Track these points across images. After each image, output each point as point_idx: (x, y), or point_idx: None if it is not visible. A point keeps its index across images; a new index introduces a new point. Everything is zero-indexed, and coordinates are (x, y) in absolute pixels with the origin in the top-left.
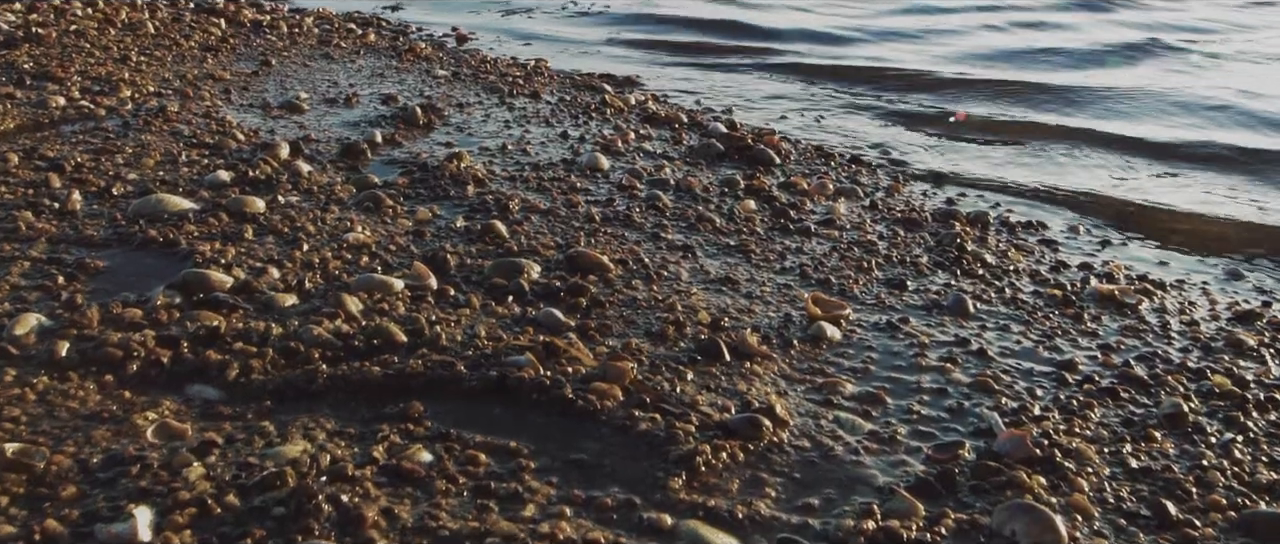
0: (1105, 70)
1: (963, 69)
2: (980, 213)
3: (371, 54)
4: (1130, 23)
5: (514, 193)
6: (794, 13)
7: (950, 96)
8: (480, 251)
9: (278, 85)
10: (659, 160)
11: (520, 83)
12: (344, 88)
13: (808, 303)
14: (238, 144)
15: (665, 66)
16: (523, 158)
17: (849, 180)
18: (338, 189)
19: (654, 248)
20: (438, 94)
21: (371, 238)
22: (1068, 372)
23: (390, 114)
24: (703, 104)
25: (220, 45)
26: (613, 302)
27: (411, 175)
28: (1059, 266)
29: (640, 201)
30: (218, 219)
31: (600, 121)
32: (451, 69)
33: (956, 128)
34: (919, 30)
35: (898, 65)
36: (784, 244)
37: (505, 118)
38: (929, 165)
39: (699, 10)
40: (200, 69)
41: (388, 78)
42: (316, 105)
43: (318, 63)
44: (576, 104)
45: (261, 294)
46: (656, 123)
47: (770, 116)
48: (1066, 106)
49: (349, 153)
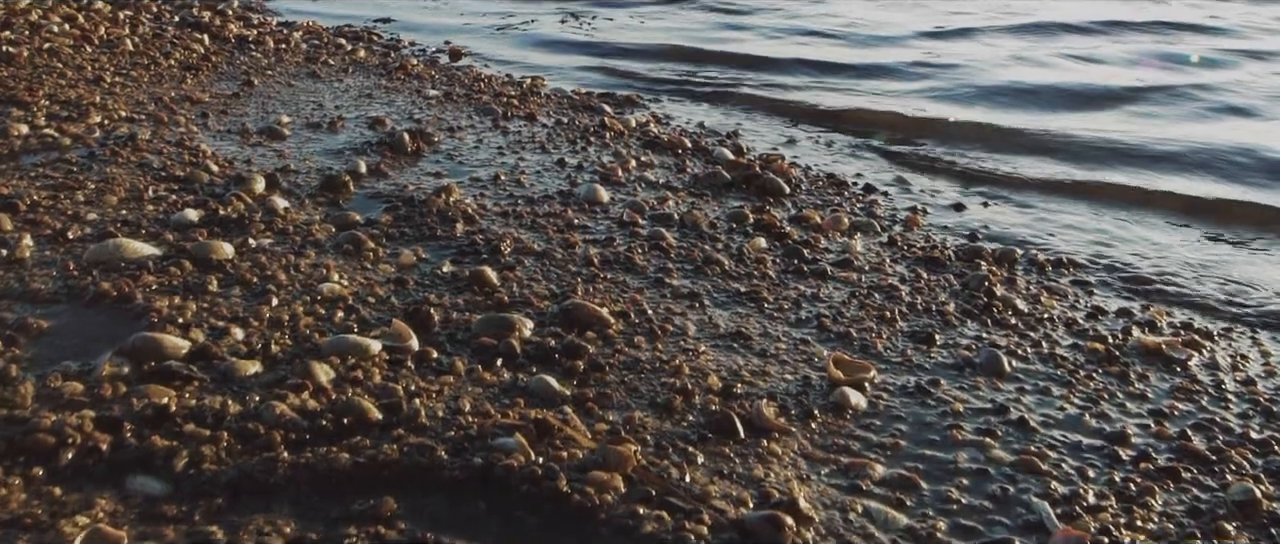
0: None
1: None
2: (1007, 250)
3: (360, 72)
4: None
5: (506, 231)
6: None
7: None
8: (468, 303)
9: (259, 108)
10: (662, 191)
11: (515, 104)
12: (329, 110)
13: (828, 365)
14: (210, 177)
15: (667, 84)
16: (516, 190)
17: (864, 212)
18: (315, 229)
19: (658, 296)
20: (428, 117)
21: (349, 288)
22: (1120, 446)
23: (377, 140)
24: (707, 127)
25: (201, 64)
26: (613, 363)
27: (396, 212)
28: (1096, 313)
29: (642, 240)
30: (180, 267)
31: (599, 147)
32: (443, 89)
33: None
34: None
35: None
36: (798, 289)
37: (499, 143)
38: (945, 192)
39: (701, 25)
40: (178, 90)
41: (376, 99)
42: (298, 130)
43: (303, 82)
44: (574, 127)
45: (221, 361)
46: (658, 148)
47: (778, 141)
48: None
49: (330, 186)
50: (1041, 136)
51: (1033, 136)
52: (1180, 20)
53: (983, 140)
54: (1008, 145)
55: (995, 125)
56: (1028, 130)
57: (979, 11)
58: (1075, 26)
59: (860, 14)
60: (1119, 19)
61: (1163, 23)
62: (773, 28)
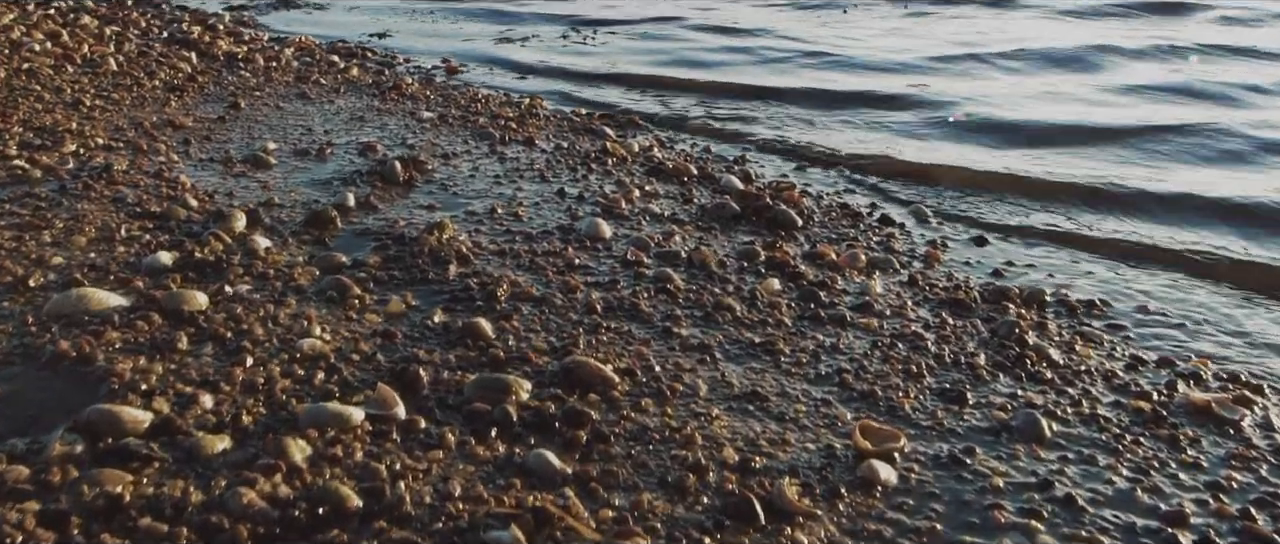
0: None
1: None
2: (1035, 291)
3: (352, 92)
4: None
5: (503, 273)
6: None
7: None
8: (460, 360)
9: (244, 133)
10: (667, 225)
11: (513, 127)
12: (318, 135)
13: (854, 433)
14: (188, 213)
15: (669, 106)
16: (514, 224)
17: (881, 247)
18: (298, 273)
19: (666, 348)
20: (422, 142)
21: (331, 344)
22: (1178, 529)
23: (367, 169)
24: (713, 151)
25: (187, 85)
26: (619, 433)
27: (386, 251)
28: (1135, 364)
29: (648, 282)
30: (149, 321)
31: (601, 175)
32: (438, 110)
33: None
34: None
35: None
36: (816, 338)
37: (495, 171)
38: (961, 217)
39: (704, 46)
40: (160, 114)
41: (368, 121)
42: (285, 158)
43: (292, 104)
44: (574, 152)
45: (186, 437)
46: (663, 176)
47: (786, 167)
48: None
49: (315, 222)
50: (1061, 180)
51: (1051, 180)
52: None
53: (999, 182)
54: (1026, 185)
55: (1012, 172)
56: (1041, 174)
57: (990, 38)
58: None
59: (865, 37)
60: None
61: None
62: (777, 51)
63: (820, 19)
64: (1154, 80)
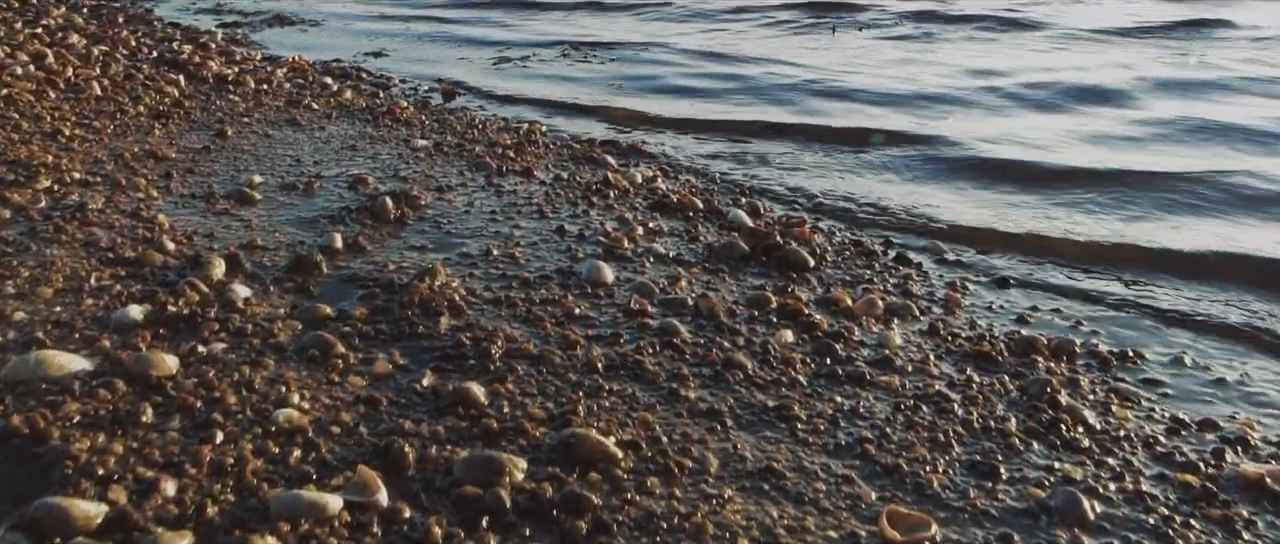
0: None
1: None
2: (1064, 341)
3: (345, 118)
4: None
5: (497, 326)
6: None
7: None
8: (450, 432)
9: (230, 165)
10: (672, 266)
11: (511, 156)
12: (307, 166)
13: (881, 523)
14: (164, 258)
15: (671, 130)
16: (510, 268)
17: (899, 291)
18: (278, 328)
19: (672, 415)
20: (415, 173)
21: (309, 415)
22: None
23: (356, 205)
24: (720, 179)
25: (173, 111)
26: (623, 521)
27: (373, 301)
28: (1177, 427)
29: (652, 335)
30: (112, 390)
31: (602, 209)
32: (433, 138)
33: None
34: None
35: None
36: (834, 400)
37: (492, 206)
38: (986, 260)
39: (700, 72)
40: (142, 145)
41: (360, 151)
42: (271, 193)
43: (281, 131)
44: (575, 184)
45: (142, 534)
46: (667, 210)
47: (798, 199)
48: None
49: (299, 268)
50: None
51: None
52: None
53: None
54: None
55: (1033, 217)
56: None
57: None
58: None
59: (876, 66)
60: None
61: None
62: (782, 81)
63: (825, 44)
64: (1183, 116)
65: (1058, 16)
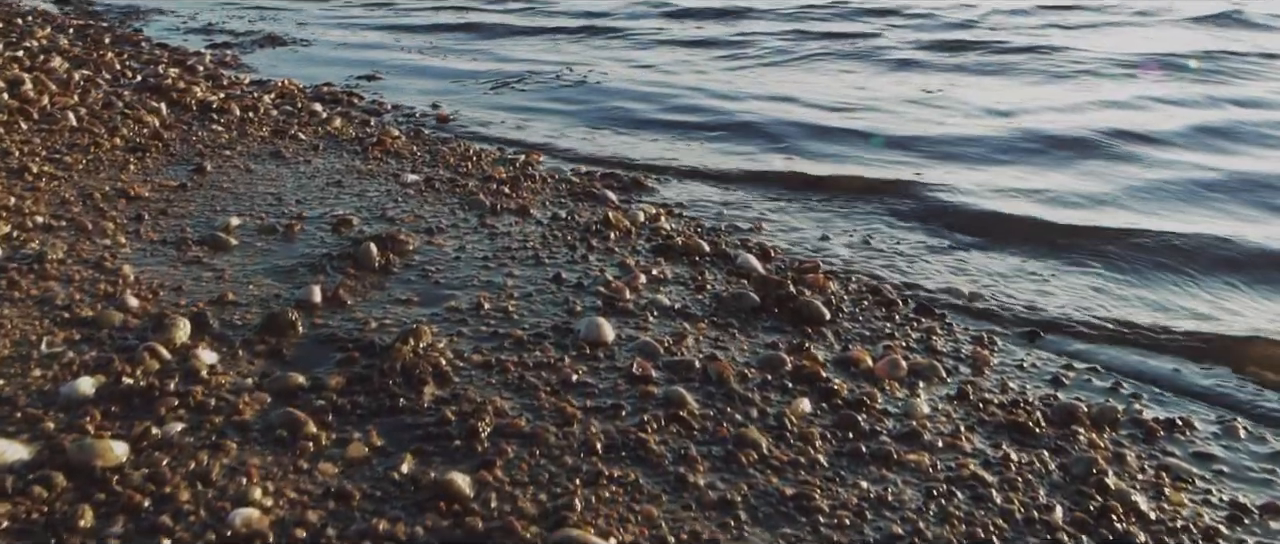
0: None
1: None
2: (1106, 410)
3: (332, 149)
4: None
5: (486, 397)
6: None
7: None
8: (430, 533)
9: (206, 204)
10: (678, 322)
11: (505, 192)
12: (289, 206)
13: None
14: (125, 318)
15: (673, 161)
16: (502, 325)
17: (922, 347)
18: (244, 403)
19: (679, 507)
20: (403, 213)
21: (271, 516)
22: None
23: (339, 251)
24: (726, 215)
25: (150, 143)
26: None
27: (351, 367)
28: (1237, 515)
29: (656, 407)
30: (48, 486)
31: (602, 254)
32: (424, 172)
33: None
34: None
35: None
36: (859, 486)
37: (484, 251)
38: (1011, 306)
39: (709, 82)
40: (115, 182)
41: (346, 187)
42: (248, 238)
43: (264, 165)
44: (573, 224)
45: None
46: (671, 255)
47: (807, 236)
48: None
49: (273, 327)
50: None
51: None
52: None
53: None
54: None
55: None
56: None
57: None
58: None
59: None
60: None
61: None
62: (807, 99)
63: (840, 78)
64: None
65: (1078, 41)
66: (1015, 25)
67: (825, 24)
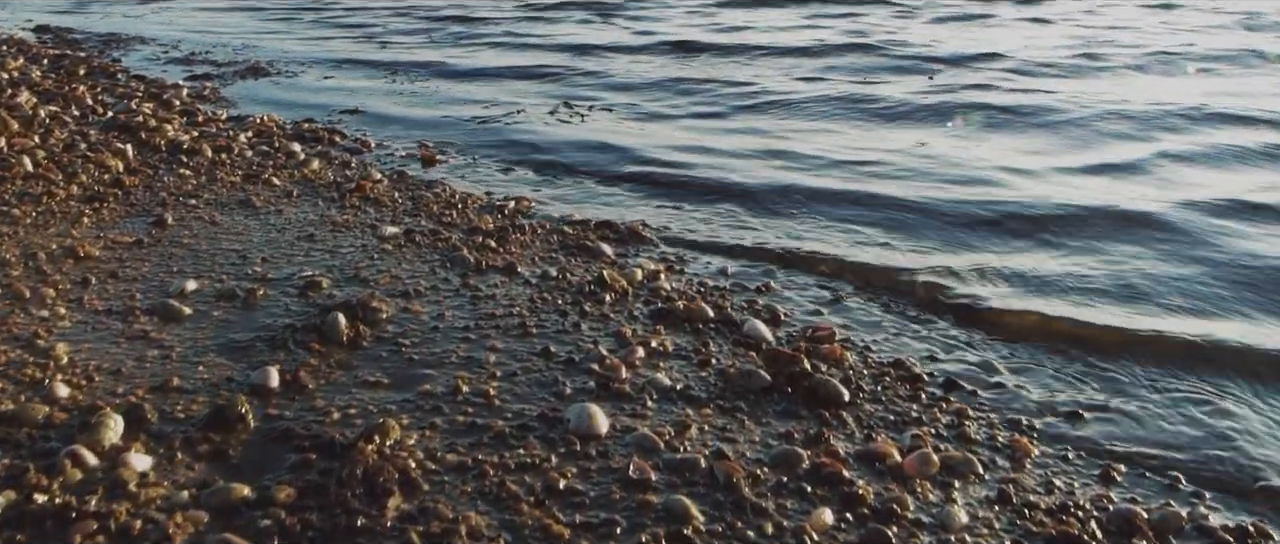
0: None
1: None
2: (1168, 516)
3: (307, 196)
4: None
5: (459, 513)
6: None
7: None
8: None
9: (162, 264)
10: (680, 407)
11: (491, 246)
12: (253, 265)
13: None
14: (51, 411)
15: (672, 206)
16: (481, 414)
17: (953, 435)
18: (175, 525)
19: None
20: (379, 272)
21: None
22: None
23: (304, 322)
24: (731, 271)
25: (110, 192)
26: None
27: (305, 473)
28: None
29: (655, 521)
30: None
31: (596, 321)
32: (405, 223)
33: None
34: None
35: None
36: None
37: (465, 320)
38: (1047, 380)
39: (709, 130)
40: (64, 239)
41: (318, 242)
42: (204, 305)
43: (232, 216)
44: (565, 285)
45: None
46: (673, 323)
47: (820, 298)
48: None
49: (219, 421)
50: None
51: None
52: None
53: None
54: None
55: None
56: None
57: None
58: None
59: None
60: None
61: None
62: (819, 158)
63: (857, 127)
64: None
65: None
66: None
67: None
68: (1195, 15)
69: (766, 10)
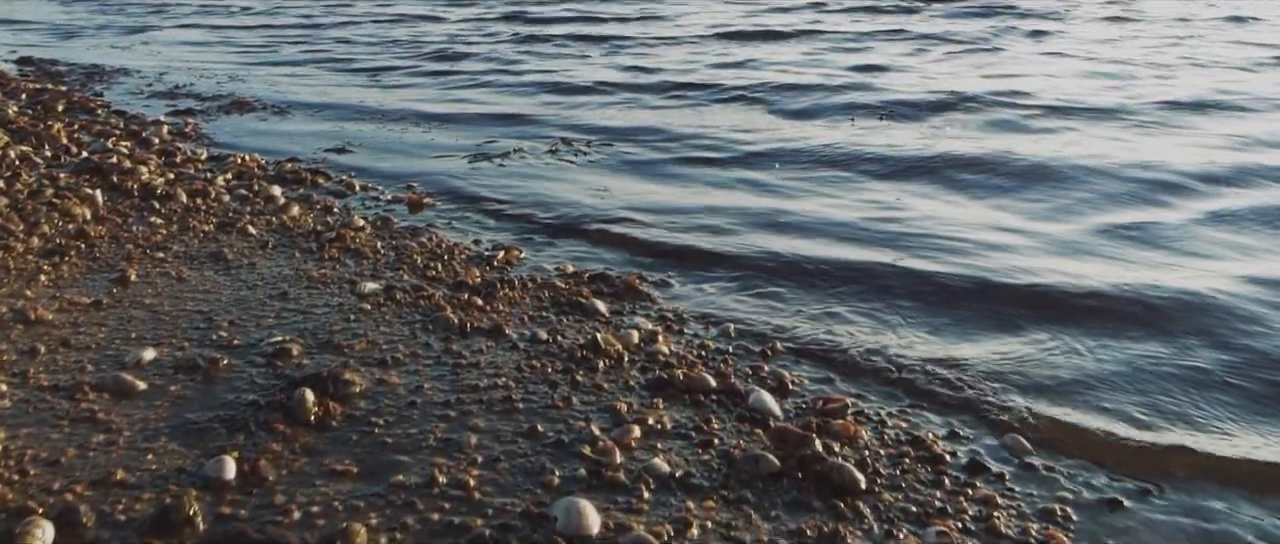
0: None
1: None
2: None
3: (284, 248)
4: None
5: None
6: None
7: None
8: None
9: (120, 329)
10: (680, 498)
11: (477, 304)
12: (220, 329)
13: None
14: None
15: (674, 257)
16: (459, 511)
17: (981, 527)
18: None
19: None
20: (355, 337)
21: None
22: None
23: (268, 398)
24: (733, 331)
25: (72, 245)
26: None
27: None
28: None
29: None
30: None
31: (589, 392)
32: (386, 278)
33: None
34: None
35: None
36: None
37: (444, 393)
38: (1078, 468)
39: (715, 129)
40: (16, 300)
41: (292, 300)
42: (161, 377)
43: (201, 271)
44: (555, 350)
45: None
46: (671, 395)
47: (832, 361)
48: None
49: (163, 524)
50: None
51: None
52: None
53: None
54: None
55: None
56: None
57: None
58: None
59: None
60: None
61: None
62: (821, 216)
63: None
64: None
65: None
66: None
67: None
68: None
69: (773, 44)
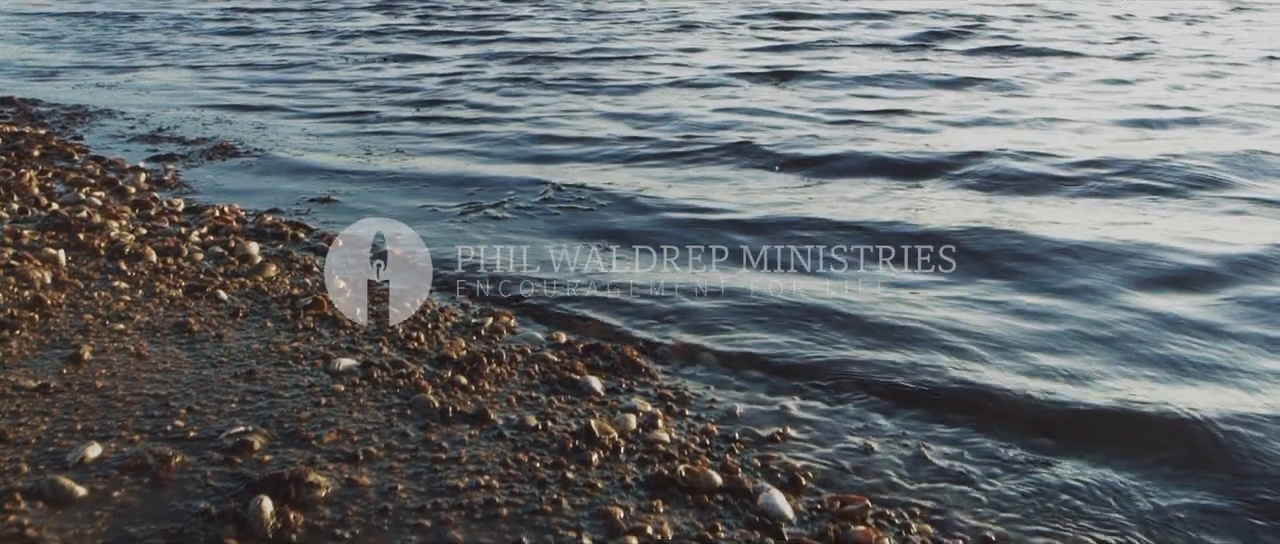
0: None
1: None
2: None
3: (255, 316)
4: None
5: None
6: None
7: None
8: None
9: (65, 418)
10: None
11: (462, 381)
12: (177, 416)
13: None
14: None
15: (673, 320)
16: None
17: None
18: None
19: None
20: (324, 427)
21: None
22: None
23: (221, 506)
24: (738, 415)
25: (27, 314)
26: None
27: None
28: None
29: None
30: None
31: (580, 493)
32: (364, 351)
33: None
34: None
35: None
36: None
37: (419, 495)
38: None
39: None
40: None
41: (258, 380)
42: (104, 481)
43: (163, 346)
44: (544, 440)
45: None
46: (672, 493)
47: (846, 445)
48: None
49: None
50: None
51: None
52: None
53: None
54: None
55: None
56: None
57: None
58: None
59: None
60: None
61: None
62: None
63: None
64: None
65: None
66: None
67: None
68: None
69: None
